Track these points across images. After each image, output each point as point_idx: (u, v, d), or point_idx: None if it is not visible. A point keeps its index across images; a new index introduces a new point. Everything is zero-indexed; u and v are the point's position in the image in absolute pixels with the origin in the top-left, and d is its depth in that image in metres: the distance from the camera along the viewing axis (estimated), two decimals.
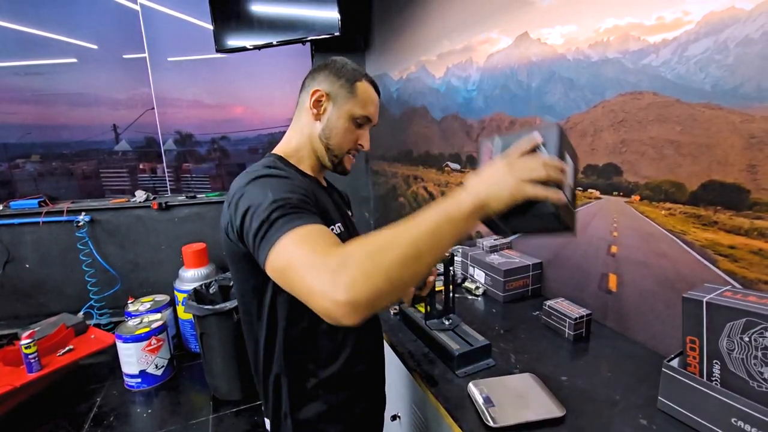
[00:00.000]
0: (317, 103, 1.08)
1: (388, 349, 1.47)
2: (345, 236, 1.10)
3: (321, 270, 0.69)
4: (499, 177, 0.79)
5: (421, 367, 1.29)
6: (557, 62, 1.61)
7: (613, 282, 1.47)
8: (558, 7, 1.59)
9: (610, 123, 1.42)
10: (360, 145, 1.13)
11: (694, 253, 1.22)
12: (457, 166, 2.43)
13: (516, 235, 1.54)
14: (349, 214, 1.27)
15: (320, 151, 1.10)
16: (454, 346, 1.27)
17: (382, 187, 3.51)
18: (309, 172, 1.12)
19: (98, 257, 3.66)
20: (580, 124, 1.53)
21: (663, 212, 1.30)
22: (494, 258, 1.83)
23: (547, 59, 1.66)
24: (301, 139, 1.11)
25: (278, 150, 1.13)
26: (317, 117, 1.09)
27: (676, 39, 1.22)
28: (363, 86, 1.09)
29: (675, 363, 1.05)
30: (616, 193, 1.43)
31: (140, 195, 3.84)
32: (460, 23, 2.22)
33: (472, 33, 2.13)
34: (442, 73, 2.45)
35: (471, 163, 2.30)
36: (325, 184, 1.20)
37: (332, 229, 1.04)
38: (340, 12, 3.15)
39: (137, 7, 3.70)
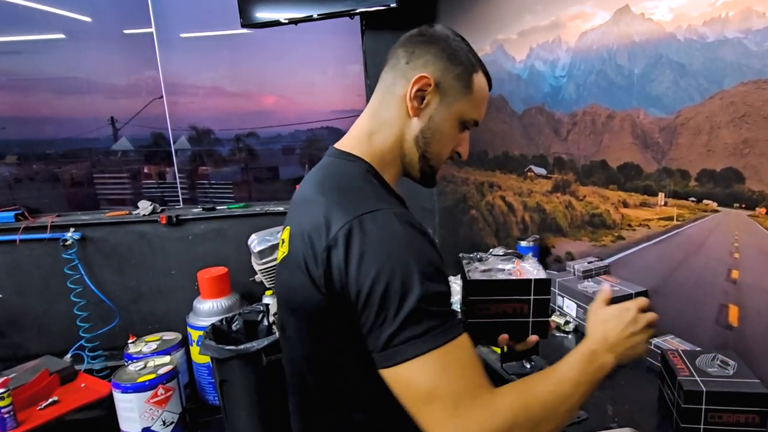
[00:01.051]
0: (418, 94, 1.10)
1: None
2: None
3: (464, 418, 0.86)
4: (635, 342, 1.07)
5: None
6: (665, 43, 1.81)
7: (734, 315, 1.63)
8: None
9: (730, 118, 1.60)
10: (457, 152, 1.19)
11: None
12: (542, 171, 2.64)
13: None
14: None
15: (411, 156, 1.14)
16: None
17: (450, 196, 3.75)
18: (394, 188, 1.16)
19: (90, 285, 3.93)
20: (693, 119, 1.72)
21: None
22: (588, 285, 2.03)
23: (653, 39, 1.86)
24: (386, 138, 1.14)
25: (354, 147, 1.16)
26: (416, 112, 1.11)
27: None
28: (480, 80, 1.14)
29: None
30: (737, 204, 1.60)
31: (144, 206, 4.14)
32: None
33: (561, 6, 2.35)
34: (523, 55, 2.69)
35: (559, 167, 2.51)
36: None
37: None
38: None
39: None
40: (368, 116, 1.18)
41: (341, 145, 1.18)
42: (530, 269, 1.20)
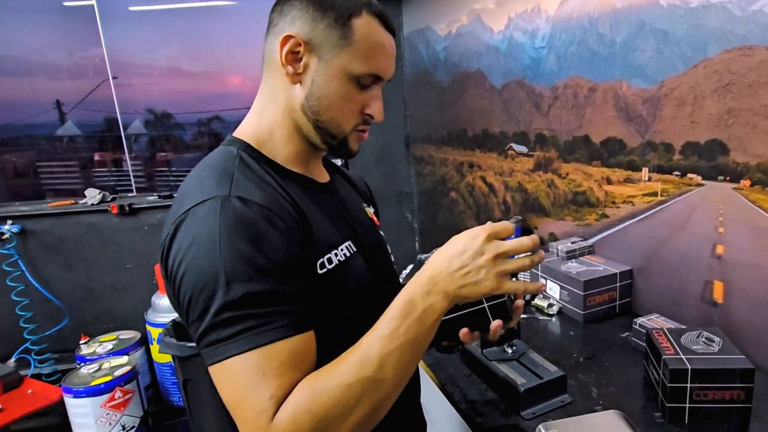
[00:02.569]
0: (292, 57, 1.06)
1: (432, 391, 1.73)
2: (357, 261, 1.16)
3: (254, 420, 0.86)
4: (477, 270, 0.95)
5: (477, 410, 1.49)
6: (648, 9, 1.88)
7: (718, 291, 1.72)
8: None
9: (714, 88, 1.68)
10: (368, 115, 1.13)
11: None
12: (523, 149, 2.72)
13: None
14: (370, 211, 1.38)
15: (305, 128, 1.11)
16: (519, 380, 1.45)
17: (428, 179, 3.83)
18: (292, 167, 1.15)
19: (34, 282, 3.91)
20: (676, 89, 1.80)
21: None
22: (572, 266, 2.10)
23: (635, 5, 1.93)
24: (274, 113, 1.13)
25: (245, 132, 1.15)
26: (295, 78, 1.08)
27: None
28: (364, 23, 1.06)
29: None
30: (722, 177, 1.68)
31: (92, 195, 4.12)
32: None
33: None
34: (502, 25, 2.75)
35: (541, 144, 2.58)
36: (324, 177, 1.26)
37: (334, 255, 1.09)
38: None
39: None
40: (258, 96, 1.17)
41: (237, 130, 1.18)
42: None
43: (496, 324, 1.04)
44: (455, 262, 0.95)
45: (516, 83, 2.70)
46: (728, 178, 1.66)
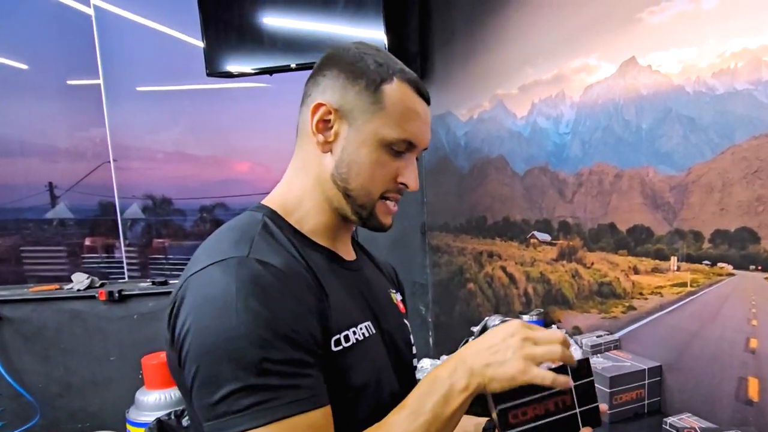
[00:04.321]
0: (323, 125, 1.15)
1: None
2: (375, 342, 1.21)
3: None
4: (505, 349, 1.01)
5: None
6: (674, 96, 2.03)
7: (753, 388, 1.77)
8: (672, 24, 2.02)
9: (743, 174, 1.80)
10: (402, 184, 1.19)
11: None
12: (546, 237, 2.85)
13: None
14: (396, 297, 1.45)
15: (337, 199, 1.18)
16: None
17: (445, 269, 3.94)
18: (318, 238, 1.21)
19: (5, 374, 3.93)
20: (704, 176, 1.93)
21: None
22: (597, 362, 2.16)
23: (661, 92, 2.09)
24: (304, 182, 1.21)
25: (273, 200, 1.23)
26: (325, 147, 1.16)
27: None
28: (396, 89, 1.14)
29: None
30: (754, 267, 1.77)
31: (79, 279, 4.20)
32: (549, 45, 2.72)
33: (564, 58, 2.61)
34: (525, 111, 2.94)
35: (565, 232, 2.71)
36: (350, 254, 1.32)
37: (352, 334, 1.13)
38: (388, 30, 3.69)
39: (90, 11, 3.99)
40: (290, 165, 1.26)
41: (266, 198, 1.25)
42: None
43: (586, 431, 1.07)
44: (485, 342, 1.03)
45: (539, 169, 2.85)
46: (760, 268, 1.75)
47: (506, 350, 1.00)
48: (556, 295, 2.79)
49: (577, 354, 1.07)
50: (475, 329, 1.39)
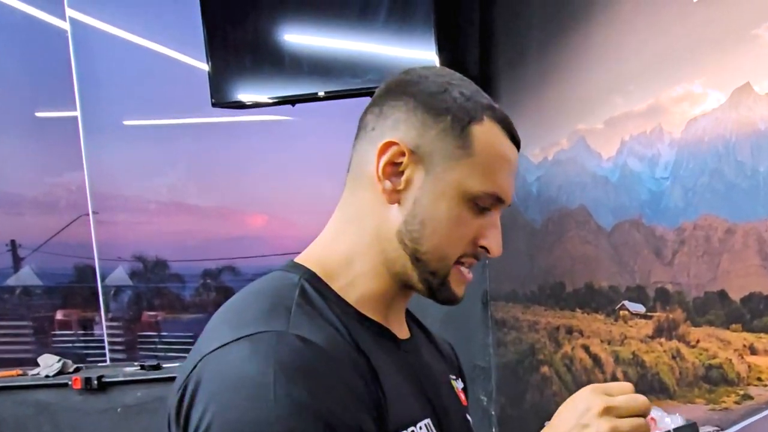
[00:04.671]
0: (392, 169, 1.12)
1: None
2: None
3: None
4: (581, 428, 1.01)
5: None
6: None
7: None
8: None
9: None
10: (482, 247, 1.16)
11: None
12: (640, 309, 2.88)
13: None
14: (457, 386, 1.43)
15: (399, 261, 1.15)
16: None
17: (512, 348, 3.98)
18: (368, 311, 1.17)
19: None
20: None
21: None
22: None
23: None
24: (357, 239, 1.18)
25: (311, 258, 1.19)
26: (393, 197, 1.13)
27: None
28: (486, 130, 1.12)
29: None
30: None
31: (48, 363, 4.18)
32: (642, 69, 2.79)
33: (661, 85, 2.68)
34: (613, 150, 3.01)
35: (663, 302, 2.74)
36: (404, 332, 1.30)
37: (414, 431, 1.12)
38: (441, 48, 3.74)
39: (65, 25, 4.07)
40: (336, 214, 1.23)
41: (300, 256, 1.22)
42: (659, 415, 1.28)
43: None
44: (557, 427, 1.04)
45: (630, 223, 2.90)
46: None
47: (583, 428, 1.00)
48: (652, 382, 2.79)
49: (678, 421, 1.14)
50: None
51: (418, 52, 3.75)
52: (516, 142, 1.18)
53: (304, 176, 4.46)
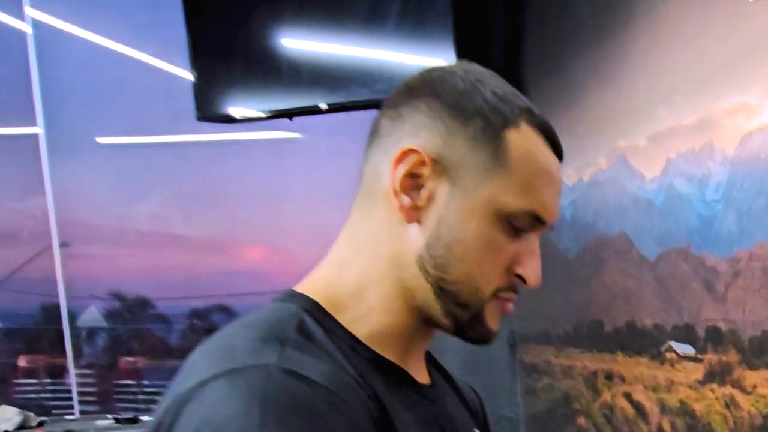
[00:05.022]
0: (411, 183, 1.05)
1: None
2: None
3: None
4: None
5: None
6: None
7: None
8: None
9: None
10: (518, 276, 1.09)
11: None
12: (689, 350, 2.91)
13: None
14: None
15: (422, 294, 1.08)
16: None
17: (544, 397, 4.00)
18: (382, 350, 1.10)
19: None
20: None
21: None
22: None
23: None
24: (369, 264, 1.11)
25: (314, 286, 1.12)
26: (412, 215, 1.06)
27: None
28: (523, 138, 1.08)
29: None
30: None
31: (7, 416, 4.20)
32: (691, 79, 2.84)
33: (713, 95, 2.72)
34: (657, 170, 3.06)
35: (715, 343, 2.77)
36: (424, 376, 1.22)
37: None
38: (461, 55, 3.77)
39: (26, 27, 4.19)
40: (343, 236, 1.17)
41: (300, 284, 1.15)
42: None
43: None
44: None
45: (677, 253, 2.93)
46: None
47: None
48: None
49: None
50: None
51: (435, 60, 3.66)
52: (558, 152, 1.14)
53: (307, 202, 4.54)
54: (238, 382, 0.85)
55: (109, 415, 4.47)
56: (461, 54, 3.71)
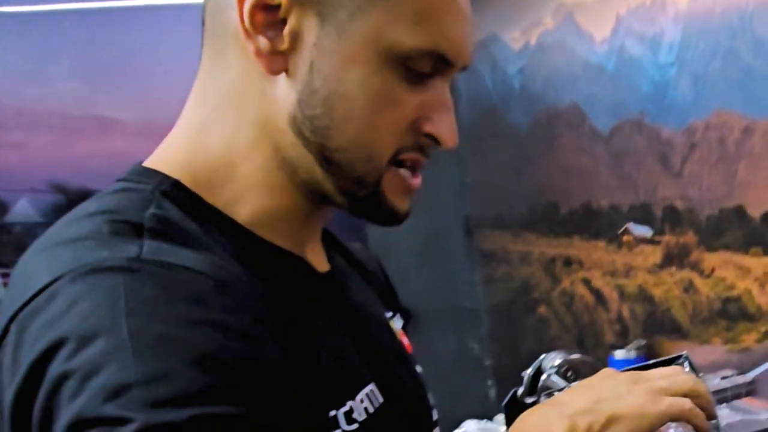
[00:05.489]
0: (265, 16, 0.83)
1: None
2: (388, 423, 0.96)
3: None
4: (619, 389, 0.85)
5: None
6: None
7: None
8: None
9: None
10: (428, 135, 0.91)
11: None
12: (646, 232, 2.81)
13: None
14: (396, 327, 1.21)
15: (305, 166, 0.90)
16: None
17: (503, 286, 3.94)
18: (269, 234, 0.93)
19: None
20: None
21: None
22: (722, 414, 2.14)
23: None
24: (234, 131, 0.91)
25: (169, 162, 0.93)
26: (274, 62, 0.86)
27: None
28: None
29: None
30: None
31: None
32: None
33: None
34: (607, 29, 2.89)
35: (672, 222, 2.67)
36: (321, 262, 1.06)
37: (357, 407, 0.89)
38: None
39: None
40: (196, 91, 0.96)
41: (150, 158, 0.96)
42: None
43: None
44: (601, 386, 0.87)
45: (631, 124, 2.80)
46: None
47: (617, 388, 0.85)
48: (662, 319, 2.76)
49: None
50: (526, 373, 1.27)
51: None
52: None
53: None
54: (91, 283, 0.68)
55: None
56: None
